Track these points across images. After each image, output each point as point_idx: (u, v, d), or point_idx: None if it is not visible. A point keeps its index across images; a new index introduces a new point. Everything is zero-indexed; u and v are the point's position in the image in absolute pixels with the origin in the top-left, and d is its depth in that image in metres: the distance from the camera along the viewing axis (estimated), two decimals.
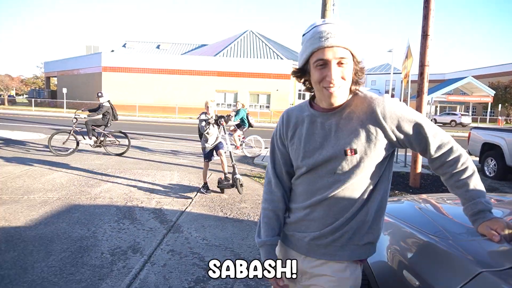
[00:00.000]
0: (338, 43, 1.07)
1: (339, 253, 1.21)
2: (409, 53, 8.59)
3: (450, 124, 35.74)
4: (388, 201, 2.09)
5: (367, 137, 1.14)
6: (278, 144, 1.33)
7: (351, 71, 1.12)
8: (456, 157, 1.20)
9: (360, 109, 1.16)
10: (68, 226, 3.85)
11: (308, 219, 1.25)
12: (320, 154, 1.20)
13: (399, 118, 1.14)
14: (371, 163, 1.17)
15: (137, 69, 32.61)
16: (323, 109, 1.22)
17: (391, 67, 26.37)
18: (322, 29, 1.10)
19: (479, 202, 1.16)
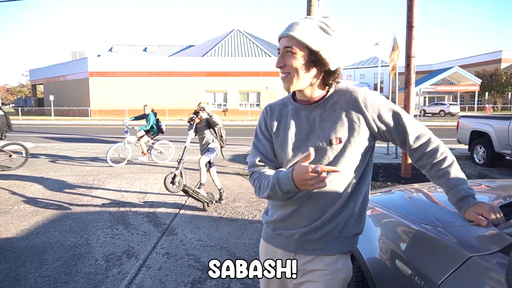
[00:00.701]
0: (290, 34, 1.14)
1: (329, 247, 1.22)
2: (395, 45, 8.66)
3: (439, 114, 36.15)
4: (380, 192, 2.11)
5: (350, 125, 1.18)
6: (265, 135, 1.32)
7: (299, 61, 1.16)
8: (435, 147, 1.24)
9: (343, 99, 1.21)
10: (61, 234, 3.80)
11: (296, 215, 1.23)
12: (306, 145, 1.21)
13: (380, 108, 1.19)
14: (355, 152, 1.19)
15: (125, 73, 32.33)
16: (306, 102, 1.25)
17: (378, 60, 26.56)
18: (290, 23, 1.18)
19: (461, 189, 1.19)
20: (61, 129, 18.85)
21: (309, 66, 1.16)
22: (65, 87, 35.43)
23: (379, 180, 6.13)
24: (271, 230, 1.31)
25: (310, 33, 1.13)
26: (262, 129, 1.34)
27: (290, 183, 1.08)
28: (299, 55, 1.15)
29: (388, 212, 1.55)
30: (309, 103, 1.24)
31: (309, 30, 1.14)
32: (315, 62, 1.16)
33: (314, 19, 1.17)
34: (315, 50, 1.14)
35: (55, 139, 13.52)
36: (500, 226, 1.07)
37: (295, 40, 1.14)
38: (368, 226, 1.66)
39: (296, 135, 1.24)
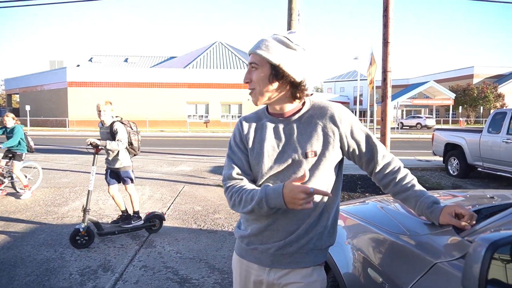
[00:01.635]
0: (254, 51, 1.22)
1: (304, 260, 1.23)
2: (372, 60, 8.94)
3: (416, 126, 37.19)
4: (356, 203, 2.16)
5: (325, 139, 1.23)
6: (240, 148, 1.32)
7: (261, 75, 1.22)
8: (399, 165, 1.33)
9: (319, 113, 1.26)
10: (33, 248, 3.68)
11: (271, 229, 1.24)
12: (282, 158, 1.23)
13: (352, 125, 1.26)
14: (329, 165, 1.24)
15: (105, 83, 31.88)
16: (280, 115, 1.28)
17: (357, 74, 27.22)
18: (258, 40, 1.25)
19: (429, 196, 1.27)
20: (37, 140, 18.27)
21: (271, 80, 1.21)
22: (42, 97, 34.57)
23: (357, 191, 6.24)
24: (245, 244, 1.31)
25: (271, 48, 1.20)
26: (237, 142, 1.34)
27: (280, 200, 1.09)
28: (262, 69, 1.21)
29: (361, 222, 1.59)
30: (283, 116, 1.28)
31: (271, 45, 1.21)
32: (277, 76, 1.21)
33: (278, 35, 1.24)
34: (275, 64, 1.19)
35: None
36: (462, 233, 1.12)
37: (258, 56, 1.22)
38: (342, 236, 1.70)
39: (272, 148, 1.25)
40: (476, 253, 0.73)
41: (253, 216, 1.26)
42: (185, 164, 9.68)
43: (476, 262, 0.72)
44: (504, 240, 0.73)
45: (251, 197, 1.16)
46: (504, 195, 1.81)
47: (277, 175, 1.24)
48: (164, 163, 9.85)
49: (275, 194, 1.10)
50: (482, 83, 44.01)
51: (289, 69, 1.20)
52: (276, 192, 1.10)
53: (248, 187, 1.22)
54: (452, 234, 1.14)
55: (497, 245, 0.71)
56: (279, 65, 1.19)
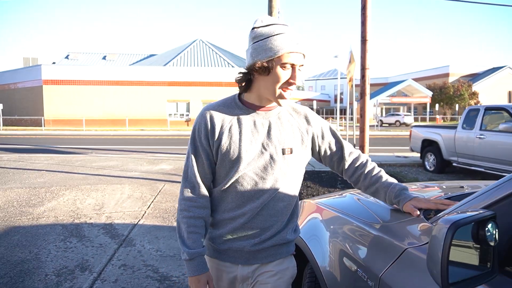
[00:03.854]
0: (303, 50, 1.17)
1: (278, 252, 1.27)
2: (351, 58, 9.06)
3: (395, 124, 38.01)
4: (333, 196, 2.19)
5: (301, 138, 1.26)
6: (203, 145, 1.21)
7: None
8: (366, 159, 1.39)
9: (293, 112, 1.29)
10: (6, 250, 3.56)
11: (246, 227, 1.22)
12: (260, 153, 1.19)
13: (322, 126, 1.33)
14: (301, 164, 1.28)
15: (83, 81, 31.12)
16: (256, 107, 1.23)
17: (338, 72, 27.58)
18: (295, 34, 1.15)
19: (397, 185, 1.33)
20: (10, 140, 17.72)
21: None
22: (15, 95, 33.42)
23: (337, 187, 6.33)
24: (217, 245, 1.26)
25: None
26: (200, 137, 1.21)
27: (188, 274, 1.19)
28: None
29: (338, 213, 1.62)
30: (261, 109, 1.23)
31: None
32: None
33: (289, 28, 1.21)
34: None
35: (3, 150, 12.69)
36: (431, 219, 1.16)
37: (304, 55, 1.19)
38: (320, 228, 1.72)
39: (250, 143, 1.19)
40: (438, 234, 0.76)
41: (228, 216, 1.22)
42: (166, 163, 9.58)
43: (439, 242, 0.74)
44: (465, 220, 0.76)
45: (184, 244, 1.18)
46: (476, 185, 1.87)
47: (254, 171, 1.19)
48: (144, 162, 9.72)
49: (188, 268, 1.17)
50: (458, 82, 45.38)
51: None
52: (189, 268, 1.17)
53: (198, 226, 1.19)
54: (422, 221, 1.18)
55: (458, 225, 0.74)
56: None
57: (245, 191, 1.19)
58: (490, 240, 0.80)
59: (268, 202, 1.20)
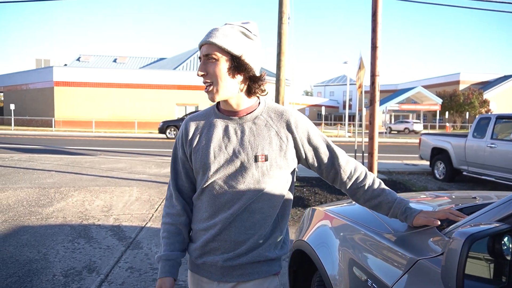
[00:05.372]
0: (210, 40, 1.09)
1: (256, 271, 1.17)
2: (361, 64, 9.02)
3: (404, 131, 37.71)
4: (342, 204, 2.17)
5: (278, 144, 1.15)
6: (179, 153, 1.24)
7: (222, 68, 1.10)
8: (365, 171, 1.28)
9: (274, 117, 1.18)
10: (15, 249, 3.60)
11: (218, 239, 1.15)
12: (230, 160, 1.15)
13: (309, 130, 1.20)
14: (280, 173, 1.17)
15: (93, 84, 31.49)
16: (233, 113, 1.19)
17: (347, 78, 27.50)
18: (210, 30, 1.13)
19: (402, 200, 1.24)
20: (21, 140, 17.97)
21: (233, 72, 1.11)
22: (27, 96, 33.95)
23: (345, 194, 6.27)
24: (194, 258, 1.23)
25: (231, 38, 1.10)
26: (178, 146, 1.24)
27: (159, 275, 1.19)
28: (222, 61, 1.10)
29: (347, 221, 1.61)
30: (236, 115, 1.18)
31: (230, 35, 1.10)
32: (238, 68, 1.11)
33: (234, 25, 1.14)
34: (237, 55, 1.09)
35: (14, 150, 12.87)
36: (444, 231, 1.14)
37: (215, 47, 1.09)
38: (329, 236, 1.71)
39: (219, 149, 1.15)
40: (454, 247, 0.74)
41: (202, 226, 1.19)
42: None
43: (455, 255, 0.73)
44: (481, 234, 0.74)
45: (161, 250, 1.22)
46: (488, 195, 1.84)
47: (224, 179, 1.15)
48: (153, 165, 9.77)
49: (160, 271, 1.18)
50: (468, 89, 44.91)
51: (251, 61, 1.12)
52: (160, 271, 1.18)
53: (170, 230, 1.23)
54: (434, 232, 1.16)
55: (474, 238, 0.73)
56: (241, 56, 1.10)
57: (216, 200, 1.16)
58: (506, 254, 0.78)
59: (242, 213, 1.13)
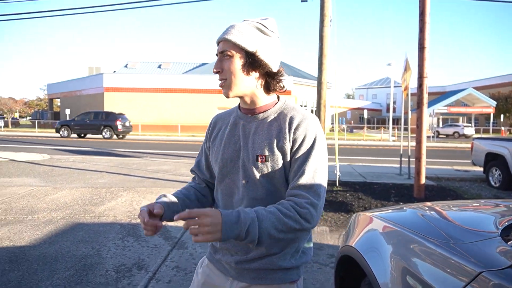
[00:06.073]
0: (225, 37, 1.09)
1: (269, 277, 1.14)
2: (407, 66, 8.69)
3: (453, 135, 35.72)
4: (391, 209, 2.10)
5: (279, 146, 1.10)
6: (205, 149, 1.33)
7: (236, 65, 1.09)
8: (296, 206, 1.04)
9: (283, 117, 1.14)
10: (72, 244, 3.84)
11: (232, 241, 1.12)
12: (234, 159, 1.16)
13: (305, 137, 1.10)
14: (283, 177, 1.11)
15: (139, 89, 33.01)
16: (248, 111, 1.18)
17: (391, 81, 26.57)
18: (227, 27, 1.13)
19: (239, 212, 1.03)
20: (75, 142, 19.21)
21: (247, 69, 1.10)
22: (81, 102, 36.29)
23: (391, 200, 6.06)
24: (213, 252, 1.25)
25: (246, 34, 1.08)
26: (204, 142, 1.34)
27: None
28: (236, 58, 1.09)
29: (399, 228, 1.55)
30: (251, 113, 1.17)
31: (245, 31, 1.08)
32: (253, 64, 1.09)
33: (251, 21, 1.12)
34: (251, 52, 1.08)
35: (69, 152, 13.79)
36: (510, 242, 1.07)
37: (230, 43, 1.09)
38: (378, 242, 1.66)
39: (230, 146, 1.17)
40: None
41: None
42: None
43: None
44: None
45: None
46: None
47: (232, 178, 1.16)
48: None
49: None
50: None
51: (266, 57, 1.10)
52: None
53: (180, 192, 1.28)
54: (499, 243, 1.08)
55: None
56: (255, 53, 1.08)
57: (227, 199, 1.18)
58: None
59: None
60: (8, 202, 5.61)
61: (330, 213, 5.32)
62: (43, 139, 21.47)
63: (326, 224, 4.81)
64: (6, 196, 5.99)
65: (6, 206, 5.35)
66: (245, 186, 1.12)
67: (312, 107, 38.06)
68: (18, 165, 9.56)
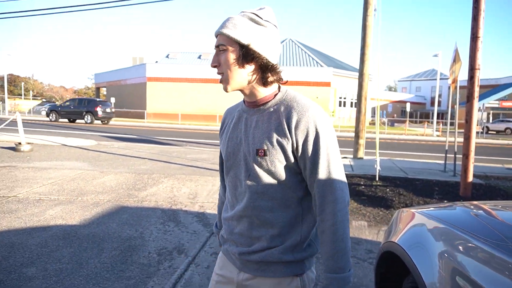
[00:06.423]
0: (220, 31, 1.09)
1: (271, 269, 1.15)
2: (457, 57, 8.21)
3: (504, 132, 33.48)
4: (439, 206, 2.02)
5: (278, 140, 1.08)
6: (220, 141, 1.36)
7: (231, 58, 1.09)
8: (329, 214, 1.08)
9: (283, 109, 1.11)
10: (118, 226, 4.06)
11: (236, 233, 1.19)
12: (236, 152, 1.17)
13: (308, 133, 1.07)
14: (283, 172, 1.11)
15: (179, 79, 33.80)
16: (251, 104, 1.18)
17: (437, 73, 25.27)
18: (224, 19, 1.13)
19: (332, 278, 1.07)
20: (120, 130, 20.12)
21: (242, 62, 1.09)
22: (125, 90, 37.83)
23: (434, 197, 5.81)
24: (222, 242, 1.30)
25: (240, 27, 1.07)
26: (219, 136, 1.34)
27: None
28: (230, 51, 1.09)
29: (450, 227, 1.48)
30: (252, 106, 1.17)
31: (239, 24, 1.08)
32: (247, 57, 1.08)
33: (246, 12, 1.12)
34: (244, 44, 1.07)
35: (114, 138, 14.47)
36: None
37: (225, 36, 1.09)
38: (426, 240, 1.60)
39: (233, 139, 1.19)
40: None
41: (225, 216, 1.26)
42: None
43: None
44: None
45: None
46: None
47: (235, 172, 1.18)
48: None
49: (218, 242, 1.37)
50: None
51: (260, 49, 1.08)
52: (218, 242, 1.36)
53: (219, 206, 1.43)
54: None
55: None
56: (248, 45, 1.07)
57: (233, 192, 1.21)
58: None
59: (253, 209, 1.13)
60: (60, 183, 6.01)
61: (368, 207, 5.20)
62: (90, 125, 22.67)
63: (364, 219, 4.72)
64: (59, 178, 6.42)
65: (59, 188, 5.73)
66: (247, 180, 1.14)
67: (351, 99, 37.11)
68: (68, 149, 10.18)
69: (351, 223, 4.55)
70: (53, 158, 8.61)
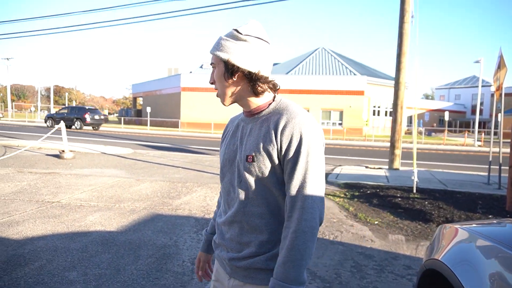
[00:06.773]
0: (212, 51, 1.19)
1: (259, 277, 1.16)
2: (502, 63, 7.80)
3: None
4: (485, 223, 1.90)
5: (265, 146, 1.12)
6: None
7: (219, 74, 1.18)
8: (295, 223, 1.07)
9: (274, 117, 1.16)
10: (153, 234, 4.15)
11: (227, 238, 1.23)
12: (231, 159, 1.23)
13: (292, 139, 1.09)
14: (271, 178, 1.13)
15: (212, 89, 33.95)
16: (246, 114, 1.25)
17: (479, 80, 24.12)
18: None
19: (275, 283, 1.06)
20: (155, 138, 20.73)
21: (227, 76, 1.16)
22: (160, 100, 39.07)
23: (477, 211, 5.50)
24: (214, 247, 1.34)
25: (222, 45, 1.15)
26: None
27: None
28: (218, 68, 1.18)
29: (504, 248, 1.38)
30: (249, 115, 1.24)
31: (223, 42, 1.16)
32: (228, 70, 1.15)
33: (231, 30, 1.19)
34: (224, 60, 1.15)
35: (150, 147, 14.92)
36: None
37: (214, 55, 1.18)
38: (474, 260, 1.51)
39: (230, 147, 1.25)
40: None
41: (218, 221, 1.29)
42: None
43: None
44: None
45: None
46: None
47: (229, 178, 1.23)
48: None
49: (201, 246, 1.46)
50: None
51: (240, 62, 1.13)
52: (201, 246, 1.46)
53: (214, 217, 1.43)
54: None
55: None
56: (228, 60, 1.14)
57: (225, 197, 1.25)
58: None
59: (243, 215, 1.17)
60: (99, 190, 6.26)
61: (406, 221, 5.00)
62: (128, 134, 23.54)
63: (401, 233, 4.54)
64: (98, 185, 6.69)
65: (98, 194, 5.97)
66: (238, 186, 1.18)
67: (386, 108, 36.18)
68: (107, 157, 10.60)
69: (387, 236, 4.39)
70: (93, 165, 8.99)
